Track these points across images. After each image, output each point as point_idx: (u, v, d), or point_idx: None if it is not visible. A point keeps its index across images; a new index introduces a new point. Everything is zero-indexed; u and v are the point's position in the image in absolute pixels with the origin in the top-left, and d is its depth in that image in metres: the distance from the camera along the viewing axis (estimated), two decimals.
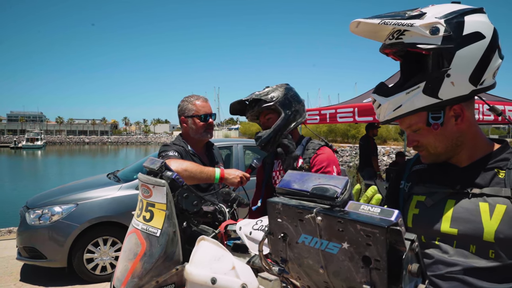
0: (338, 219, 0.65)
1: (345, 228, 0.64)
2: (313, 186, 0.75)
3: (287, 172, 0.86)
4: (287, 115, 1.80)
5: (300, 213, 0.72)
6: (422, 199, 1.07)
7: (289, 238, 0.76)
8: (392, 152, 22.52)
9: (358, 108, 5.47)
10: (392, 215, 0.60)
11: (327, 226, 0.67)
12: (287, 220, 0.75)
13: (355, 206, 0.67)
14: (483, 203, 0.96)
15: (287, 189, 0.80)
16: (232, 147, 4.83)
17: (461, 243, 0.97)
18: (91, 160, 38.37)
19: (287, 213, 0.75)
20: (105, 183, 4.55)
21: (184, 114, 2.17)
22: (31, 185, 16.84)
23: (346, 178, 0.74)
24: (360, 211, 0.65)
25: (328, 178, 0.76)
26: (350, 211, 0.66)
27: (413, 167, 1.18)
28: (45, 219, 4.02)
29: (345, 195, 0.71)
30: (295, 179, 0.81)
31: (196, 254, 1.16)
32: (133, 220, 1.39)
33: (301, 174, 0.83)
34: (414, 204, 1.08)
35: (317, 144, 1.84)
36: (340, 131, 32.54)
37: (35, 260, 4.03)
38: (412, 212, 1.08)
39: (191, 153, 2.15)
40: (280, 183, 0.83)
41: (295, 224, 0.74)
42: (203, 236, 1.20)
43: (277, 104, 1.79)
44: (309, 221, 0.69)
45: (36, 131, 76.18)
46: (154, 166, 1.40)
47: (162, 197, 1.31)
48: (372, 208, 0.64)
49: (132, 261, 1.31)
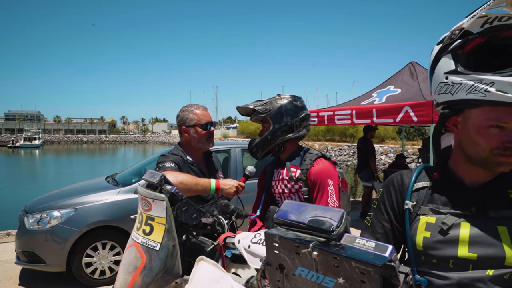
0: (333, 255, 0.66)
1: (341, 264, 0.65)
2: (310, 218, 0.76)
3: (284, 202, 0.88)
4: (275, 129, 1.84)
5: (297, 247, 0.73)
6: (432, 221, 1.00)
7: (286, 270, 0.77)
8: (390, 151, 22.55)
9: (356, 111, 5.50)
10: (386, 251, 0.61)
11: (323, 261, 0.68)
12: (284, 253, 0.76)
13: (351, 239, 0.68)
14: (501, 227, 0.93)
15: (284, 220, 0.80)
16: (230, 150, 4.84)
17: (479, 267, 0.93)
18: (90, 159, 38.29)
19: (284, 246, 0.75)
20: (104, 187, 4.55)
21: (186, 124, 2.17)
22: (29, 185, 16.82)
23: (342, 210, 0.75)
24: (355, 244, 0.66)
25: (324, 210, 0.77)
26: (345, 244, 0.68)
27: (414, 185, 1.10)
28: (43, 223, 4.02)
29: (341, 228, 0.72)
30: (292, 209, 0.82)
31: (195, 275, 1.17)
32: (133, 233, 1.41)
33: (298, 204, 0.84)
34: (424, 226, 1.02)
35: (315, 155, 1.84)
36: (338, 130, 32.58)
37: (34, 265, 4.03)
38: (422, 235, 1.01)
39: (189, 162, 2.16)
40: (278, 213, 0.84)
41: (292, 256, 0.75)
42: (202, 256, 1.21)
43: (268, 116, 1.85)
44: (306, 255, 0.71)
45: (34, 130, 76.03)
46: (154, 179, 1.41)
47: (161, 211, 1.32)
48: (367, 243, 0.65)
49: (132, 274, 1.32)
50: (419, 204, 1.05)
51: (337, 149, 26.72)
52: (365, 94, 6.52)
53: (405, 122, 5.08)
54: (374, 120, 5.21)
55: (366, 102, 6.00)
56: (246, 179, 2.01)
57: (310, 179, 1.77)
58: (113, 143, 79.81)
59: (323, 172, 1.76)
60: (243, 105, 1.93)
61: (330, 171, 1.79)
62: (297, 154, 1.89)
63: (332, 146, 27.97)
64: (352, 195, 8.86)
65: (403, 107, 4.82)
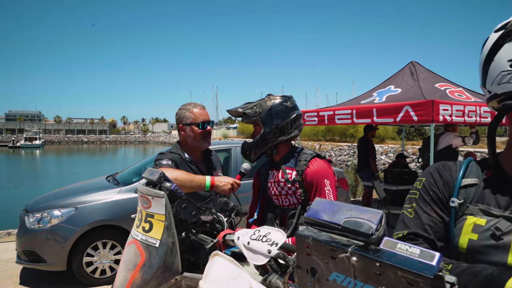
0: (376, 262, 0.61)
1: (384, 272, 0.60)
2: (345, 218, 0.70)
3: (315, 200, 0.81)
4: (265, 132, 1.82)
5: (333, 251, 0.67)
6: (482, 222, 0.93)
7: (318, 274, 0.71)
8: (390, 151, 22.53)
9: (356, 110, 5.50)
10: (434, 259, 0.56)
11: (363, 268, 0.63)
12: (318, 256, 0.70)
13: (391, 244, 0.62)
14: None
15: (316, 220, 0.74)
16: (231, 149, 4.84)
17: None
18: (90, 159, 38.32)
19: (318, 249, 0.69)
20: (104, 186, 4.56)
21: (182, 122, 2.19)
22: (30, 185, 16.85)
23: (381, 212, 0.68)
24: (397, 250, 0.61)
25: (361, 211, 0.71)
26: (386, 250, 0.62)
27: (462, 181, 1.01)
28: (44, 222, 4.03)
29: (380, 231, 0.65)
30: (324, 208, 0.75)
31: (211, 271, 1.15)
32: (133, 231, 1.41)
33: (331, 203, 0.77)
34: (471, 227, 0.94)
35: (309, 155, 1.81)
36: (339, 130, 32.56)
37: (35, 264, 4.04)
38: (467, 236, 0.94)
39: (187, 160, 2.16)
40: (308, 212, 0.77)
41: (326, 260, 0.68)
42: (218, 252, 1.19)
43: (258, 119, 1.82)
44: (343, 259, 0.65)
45: (35, 130, 76.03)
46: (153, 177, 1.42)
47: (161, 208, 1.32)
48: (410, 248, 0.60)
49: (132, 271, 1.33)
50: (467, 203, 0.97)
51: (337, 149, 26.71)
52: (365, 94, 6.52)
53: (405, 122, 5.08)
54: (375, 120, 5.21)
55: (366, 101, 6.00)
56: (242, 176, 2.01)
57: (306, 180, 1.75)
58: (114, 143, 79.83)
59: (318, 172, 1.75)
60: (233, 108, 1.91)
61: (326, 170, 1.77)
62: (291, 155, 1.87)
63: (332, 146, 27.97)
64: (352, 194, 8.86)
65: (404, 107, 4.82)
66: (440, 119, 4.58)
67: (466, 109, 4.79)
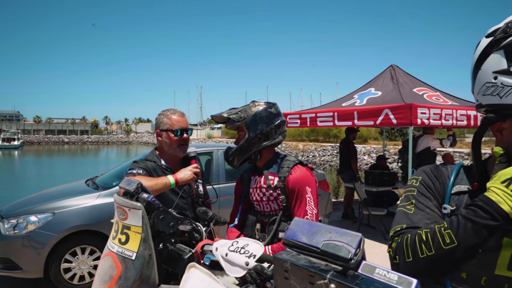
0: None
1: None
2: (324, 241, 0.69)
3: (294, 219, 0.80)
4: (250, 137, 1.83)
5: (311, 276, 0.66)
6: None
7: None
8: (372, 151, 22.89)
9: (337, 113, 5.57)
10: (411, 286, 0.57)
11: None
12: (296, 281, 0.69)
13: (369, 268, 0.63)
14: None
15: (294, 242, 0.73)
16: (212, 153, 4.82)
17: None
18: (71, 160, 37.47)
19: (296, 274, 0.69)
20: (83, 191, 4.46)
21: (159, 127, 2.16)
22: (6, 188, 16.33)
23: (360, 235, 0.68)
24: (375, 275, 0.61)
25: (340, 233, 0.70)
26: (365, 275, 0.62)
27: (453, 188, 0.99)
28: (20, 228, 3.92)
29: (359, 256, 0.65)
30: (302, 229, 0.74)
31: (187, 284, 1.15)
32: (109, 242, 1.39)
33: (310, 224, 0.76)
34: None
35: (292, 162, 1.83)
36: (322, 130, 32.87)
37: (9, 271, 3.92)
38: None
39: (163, 168, 2.14)
40: (287, 233, 0.75)
41: (304, 286, 0.68)
42: (195, 263, 1.18)
43: (243, 124, 1.84)
44: (321, 286, 0.65)
45: (13, 130, 73.88)
46: (130, 187, 1.39)
47: (138, 220, 1.30)
48: (388, 274, 0.60)
49: (108, 283, 1.31)
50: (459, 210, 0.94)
51: (320, 149, 26.97)
52: (347, 96, 6.62)
53: (385, 124, 5.18)
54: (355, 122, 5.30)
55: (348, 103, 6.09)
56: (195, 159, 2.18)
57: (288, 187, 1.77)
58: (96, 143, 78.26)
59: (301, 179, 1.76)
60: (218, 114, 1.92)
61: (308, 178, 1.79)
62: (274, 161, 1.89)
63: (316, 146, 28.21)
64: (335, 196, 8.96)
65: (383, 110, 4.92)
66: (418, 122, 4.68)
67: (443, 113, 4.91)
